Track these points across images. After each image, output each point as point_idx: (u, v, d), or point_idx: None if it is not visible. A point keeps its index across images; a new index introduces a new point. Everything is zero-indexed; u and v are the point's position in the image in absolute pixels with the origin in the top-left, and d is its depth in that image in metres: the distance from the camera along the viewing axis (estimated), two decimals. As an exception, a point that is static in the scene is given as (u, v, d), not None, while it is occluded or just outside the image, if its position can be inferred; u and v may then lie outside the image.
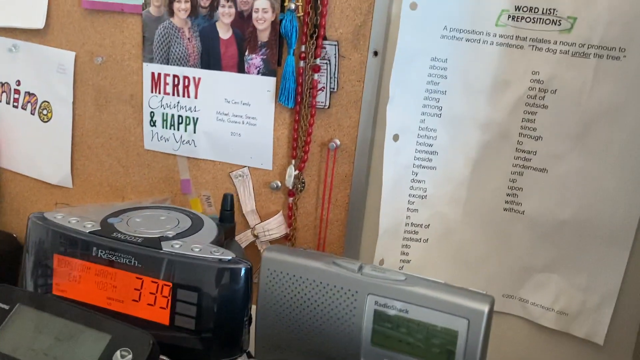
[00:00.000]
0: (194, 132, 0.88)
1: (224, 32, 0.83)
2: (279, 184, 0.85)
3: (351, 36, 0.77)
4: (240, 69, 0.83)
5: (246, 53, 0.82)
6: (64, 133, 0.96)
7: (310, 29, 0.78)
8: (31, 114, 0.99)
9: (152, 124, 0.90)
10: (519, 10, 0.69)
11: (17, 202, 1.05)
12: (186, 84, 0.86)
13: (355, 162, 0.80)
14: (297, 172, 0.82)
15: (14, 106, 1.00)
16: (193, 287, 0.61)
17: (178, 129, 0.89)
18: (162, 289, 0.62)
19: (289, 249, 0.61)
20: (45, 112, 0.97)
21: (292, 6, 0.77)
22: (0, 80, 1.01)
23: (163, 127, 0.89)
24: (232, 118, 0.86)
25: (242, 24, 0.81)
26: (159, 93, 0.88)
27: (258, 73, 0.82)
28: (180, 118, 0.88)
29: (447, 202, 0.76)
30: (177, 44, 0.85)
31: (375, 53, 0.76)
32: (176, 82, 0.87)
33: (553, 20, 0.68)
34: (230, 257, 0.62)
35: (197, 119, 0.87)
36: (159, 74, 0.87)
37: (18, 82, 0.99)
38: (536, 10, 0.68)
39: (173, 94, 0.87)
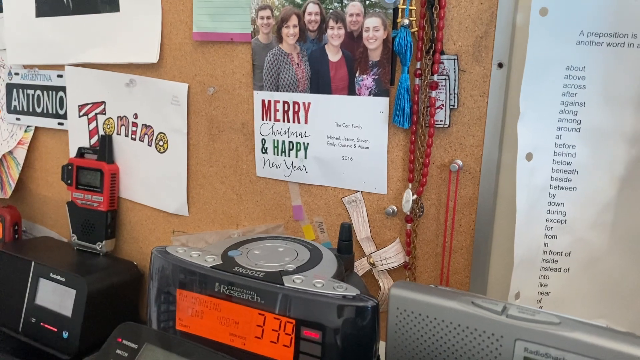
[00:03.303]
0: (305, 158, 0.86)
1: (333, 55, 0.80)
2: (395, 209, 0.81)
3: (472, 49, 0.71)
4: (351, 91, 0.80)
5: (357, 74, 0.79)
6: (179, 163, 0.98)
7: (426, 44, 0.73)
8: (148, 145, 1.02)
9: (263, 151, 0.89)
10: (672, 6, 0.60)
11: (136, 230, 1.08)
12: (296, 109, 0.85)
13: (480, 184, 0.73)
14: (415, 196, 0.77)
15: (132, 138, 1.04)
16: (317, 325, 0.58)
17: (289, 155, 0.87)
18: (285, 326, 0.60)
19: (418, 286, 0.56)
20: (161, 143, 1.00)
21: (406, 22, 0.73)
22: (119, 114, 1.05)
23: (274, 154, 0.88)
24: (343, 142, 0.82)
25: (352, 44, 0.78)
26: (270, 120, 0.87)
27: (370, 94, 0.79)
28: (290, 144, 0.86)
29: (590, 226, 0.67)
30: (286, 69, 0.84)
31: (500, 65, 0.70)
32: (286, 109, 0.85)
33: None
34: (354, 294, 0.58)
35: (308, 144, 0.85)
36: (269, 101, 0.86)
37: (135, 115, 1.03)
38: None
39: (283, 120, 0.86)
